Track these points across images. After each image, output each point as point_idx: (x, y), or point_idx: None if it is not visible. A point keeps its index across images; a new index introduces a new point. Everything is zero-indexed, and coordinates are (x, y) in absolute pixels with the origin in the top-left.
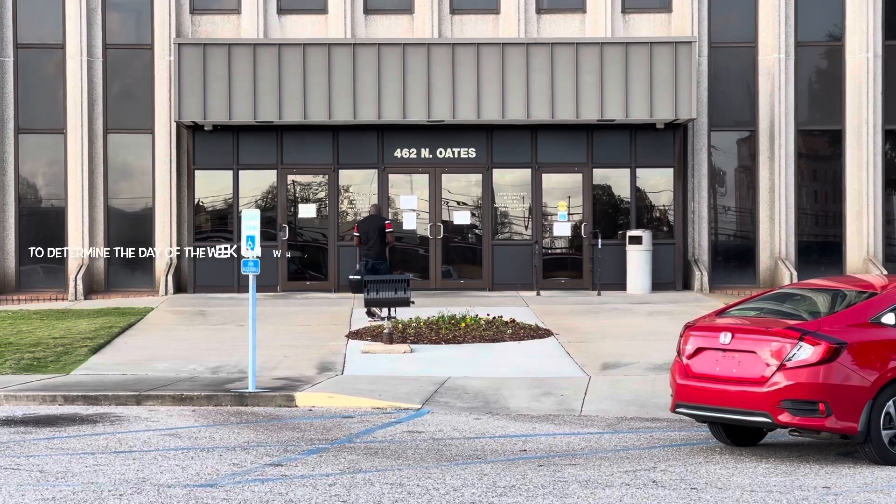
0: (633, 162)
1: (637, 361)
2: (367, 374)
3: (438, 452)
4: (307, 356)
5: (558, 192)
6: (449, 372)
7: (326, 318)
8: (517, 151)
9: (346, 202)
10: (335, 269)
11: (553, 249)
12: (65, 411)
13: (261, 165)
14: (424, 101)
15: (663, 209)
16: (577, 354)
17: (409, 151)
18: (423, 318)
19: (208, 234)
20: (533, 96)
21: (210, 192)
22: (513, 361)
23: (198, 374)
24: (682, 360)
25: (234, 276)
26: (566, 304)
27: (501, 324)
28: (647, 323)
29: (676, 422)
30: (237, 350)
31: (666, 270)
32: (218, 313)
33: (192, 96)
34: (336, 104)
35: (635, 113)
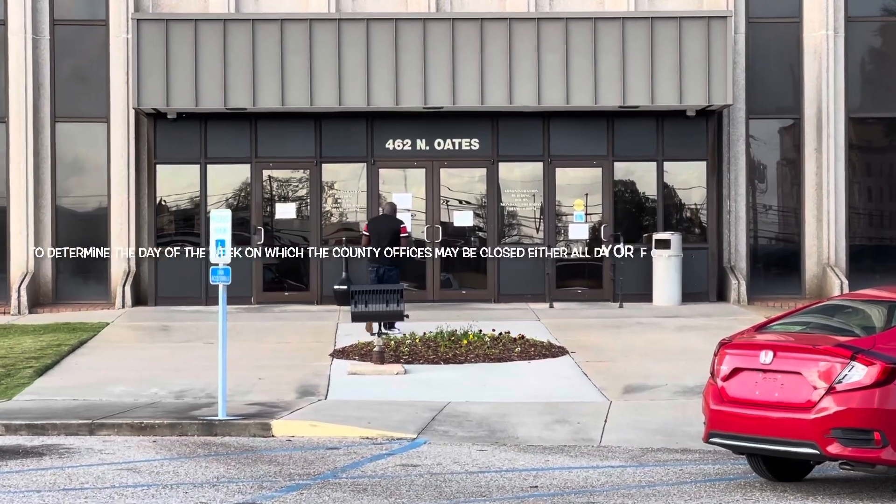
0: (661, 154)
1: (665, 384)
2: (355, 399)
3: (436, 489)
4: (286, 378)
5: (574, 190)
6: (448, 396)
7: (308, 335)
8: (527, 142)
9: (331, 201)
10: (318, 277)
11: (568, 255)
12: (5, 443)
13: (232, 159)
14: (420, 85)
15: (695, 208)
16: (596, 376)
17: (402, 143)
18: (418, 333)
19: (172, 237)
20: (545, 79)
21: (174, 189)
22: (522, 384)
23: (160, 399)
24: (717, 382)
25: (202, 287)
26: (583, 317)
27: (509, 340)
28: (676, 339)
29: (710, 453)
30: (205, 371)
31: (698, 279)
32: (183, 329)
33: (153, 80)
34: (319, 89)
35: (662, 98)
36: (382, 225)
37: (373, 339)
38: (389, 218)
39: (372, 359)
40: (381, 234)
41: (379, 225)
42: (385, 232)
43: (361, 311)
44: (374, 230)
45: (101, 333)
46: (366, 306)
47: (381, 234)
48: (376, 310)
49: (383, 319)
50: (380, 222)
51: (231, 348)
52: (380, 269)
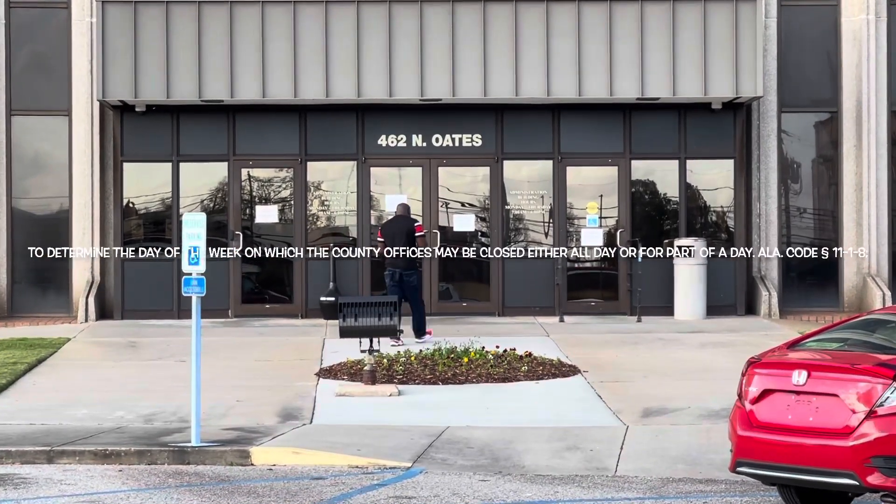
0: (683, 151)
1: (687, 407)
2: (343, 424)
3: None
4: (267, 400)
5: (587, 190)
6: (447, 420)
7: (291, 351)
8: (535, 138)
9: (317, 203)
10: (302, 287)
11: (581, 263)
12: None
13: (208, 156)
14: (416, 75)
15: (721, 211)
16: (612, 398)
17: (396, 138)
18: (414, 351)
19: (141, 243)
20: (555, 67)
21: (143, 190)
22: (529, 406)
23: (127, 424)
24: (745, 405)
25: (174, 298)
26: (597, 332)
27: (514, 358)
28: (699, 357)
29: (737, 484)
30: (177, 392)
31: (724, 290)
32: (153, 345)
33: (119, 69)
34: (304, 78)
35: (685, 89)
36: (395, 226)
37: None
38: (403, 219)
39: (362, 379)
40: (395, 236)
41: (392, 227)
42: (398, 233)
43: (351, 325)
44: (388, 233)
45: (61, 350)
46: (356, 320)
47: (395, 235)
48: (367, 324)
49: (375, 335)
50: (392, 224)
51: (206, 367)
52: (395, 275)
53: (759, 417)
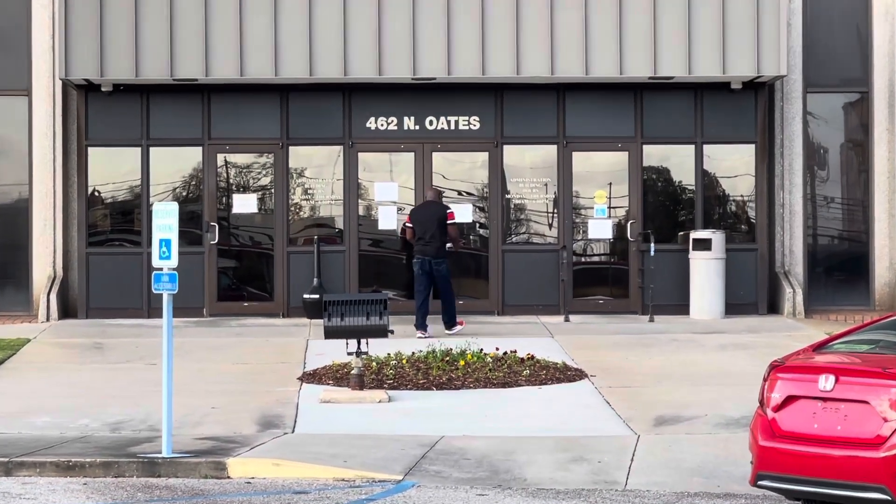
0: (700, 136)
1: (704, 414)
2: (328, 433)
3: None
4: (245, 407)
5: (595, 178)
6: (442, 429)
7: (272, 354)
8: (538, 121)
9: (300, 191)
10: (284, 284)
11: (588, 257)
12: None
13: (181, 140)
14: (408, 51)
15: (741, 201)
16: (621, 404)
17: (387, 121)
18: (406, 353)
19: (107, 235)
20: (560, 44)
21: (110, 177)
22: (531, 414)
23: (92, 433)
24: (767, 412)
25: (144, 295)
26: (606, 333)
27: (515, 361)
28: (717, 360)
29: (758, 498)
30: (147, 398)
31: (745, 286)
32: (120, 346)
33: (84, 44)
34: (285, 55)
35: (702, 67)
36: (426, 212)
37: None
38: (434, 204)
39: (349, 383)
40: (426, 223)
41: (422, 213)
42: (429, 219)
43: (336, 325)
44: (417, 219)
45: (20, 352)
46: (342, 319)
47: (425, 222)
48: (355, 324)
49: (363, 336)
50: (422, 210)
51: (178, 370)
52: (425, 263)
53: (783, 426)
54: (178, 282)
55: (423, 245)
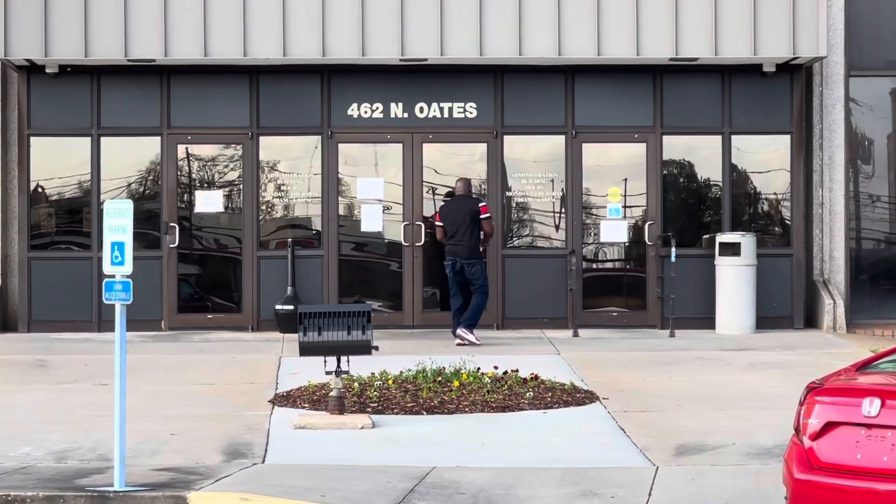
0: (727, 125)
1: (732, 443)
2: (304, 463)
3: None
4: (209, 433)
5: (608, 173)
6: (434, 459)
7: (239, 373)
8: (543, 108)
9: (273, 187)
10: (253, 293)
11: (600, 263)
12: None
13: (136, 129)
14: (395, 29)
15: (774, 200)
16: (638, 431)
17: (371, 108)
18: (392, 372)
19: (52, 237)
20: (567, 20)
21: (56, 170)
22: (535, 442)
23: (34, 463)
24: (804, 441)
25: (94, 306)
26: (620, 350)
27: (517, 382)
28: (747, 381)
29: None
30: (97, 423)
31: (778, 297)
32: (67, 364)
33: (25, 20)
34: (255, 32)
35: (730, 47)
36: (456, 208)
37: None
38: (465, 199)
39: (328, 407)
40: (458, 220)
41: (451, 209)
42: (462, 216)
43: (313, 340)
44: (448, 216)
45: None
46: (319, 334)
47: (457, 218)
48: (334, 339)
49: (344, 353)
50: (454, 206)
51: (133, 392)
52: (457, 264)
53: (822, 457)
54: (133, 291)
55: (454, 245)
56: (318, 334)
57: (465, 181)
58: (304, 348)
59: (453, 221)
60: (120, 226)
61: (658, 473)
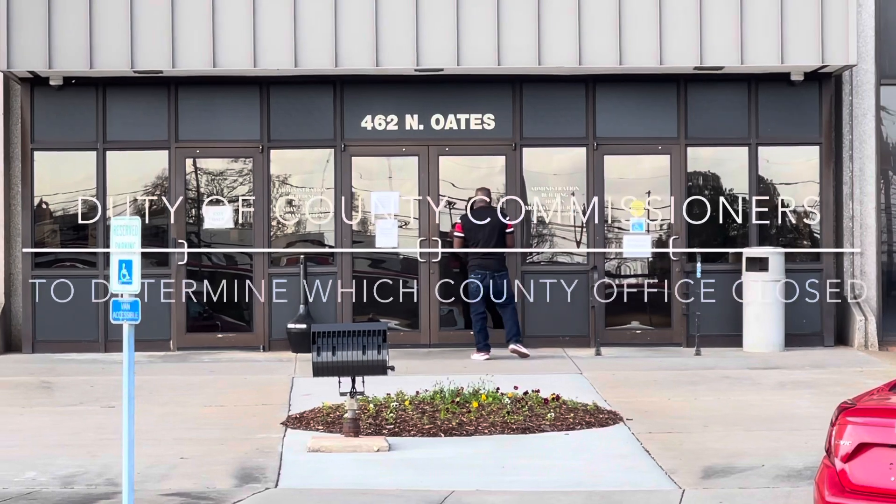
0: (754, 136)
1: (761, 465)
2: (318, 487)
3: None
4: (219, 457)
5: (631, 186)
6: (452, 483)
7: (251, 394)
8: (563, 119)
9: (284, 202)
10: (265, 311)
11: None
12: None
13: (143, 143)
14: (410, 38)
15: (803, 213)
16: (663, 453)
17: (385, 120)
18: (409, 393)
19: (57, 255)
20: (588, 28)
21: (60, 185)
22: (556, 465)
23: (40, 487)
24: (835, 463)
25: (100, 326)
26: (644, 369)
27: (538, 403)
28: (776, 401)
29: None
30: (104, 447)
31: (807, 314)
32: (73, 386)
33: (29, 31)
34: (266, 43)
35: (756, 56)
36: (482, 219)
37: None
38: (489, 210)
39: (342, 429)
40: (485, 232)
41: (477, 220)
42: (490, 228)
43: (326, 360)
44: (472, 227)
45: None
46: (333, 354)
47: (484, 230)
48: (349, 359)
49: (359, 373)
50: (477, 217)
51: (141, 414)
52: (487, 278)
53: (854, 479)
54: (141, 310)
55: (483, 258)
56: (332, 354)
57: (486, 191)
58: (317, 369)
59: (478, 233)
60: (128, 243)
61: (685, 497)
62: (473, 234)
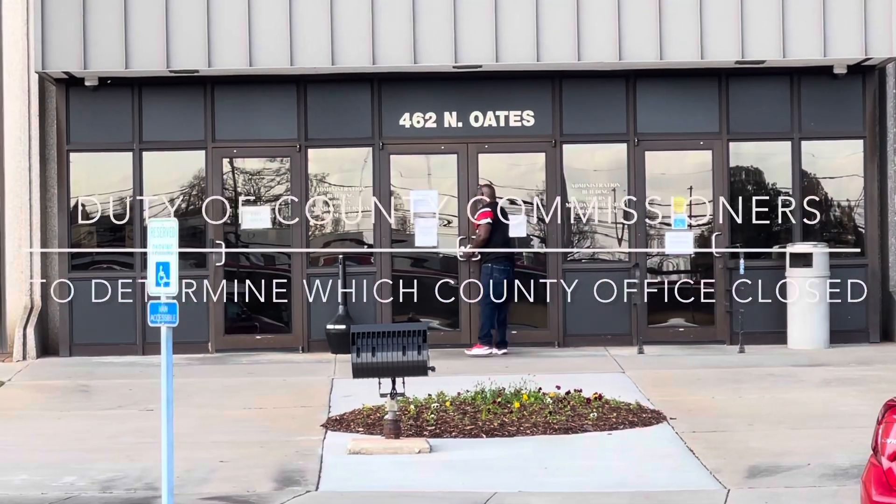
0: (797, 130)
1: (806, 463)
2: (359, 490)
3: None
4: (259, 460)
5: (673, 182)
6: (494, 484)
7: (290, 396)
8: (603, 115)
9: (322, 202)
10: (303, 312)
11: (665, 276)
12: None
13: (180, 143)
14: (448, 34)
15: (847, 207)
16: (707, 453)
17: (424, 118)
18: (450, 394)
19: (94, 257)
20: (627, 23)
21: (96, 187)
22: (600, 465)
23: (79, 492)
24: (883, 462)
25: (138, 329)
26: (687, 367)
27: (580, 402)
28: (821, 399)
29: None
30: (143, 451)
31: (853, 310)
32: (111, 389)
33: (64, 31)
34: (302, 41)
35: (798, 49)
36: (502, 213)
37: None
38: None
39: (383, 431)
40: (505, 225)
41: (500, 213)
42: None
43: (366, 361)
44: (497, 219)
45: None
46: (373, 355)
47: (504, 223)
48: (389, 360)
49: (399, 374)
50: (499, 210)
51: (180, 417)
52: (511, 270)
53: None
54: (179, 312)
55: (510, 248)
56: (372, 355)
57: (491, 185)
58: (357, 370)
59: (503, 225)
60: (165, 245)
61: (730, 497)
62: (500, 225)
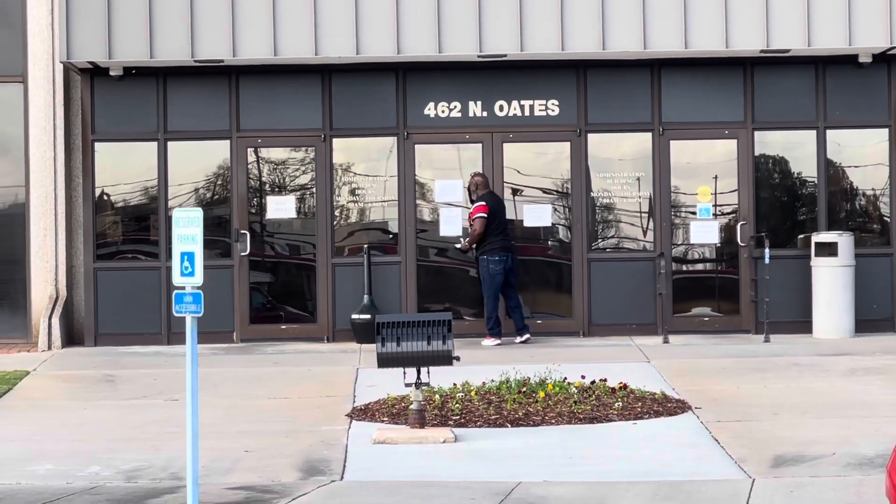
0: (822, 119)
1: (832, 453)
2: (384, 480)
3: None
4: (284, 449)
5: (698, 171)
6: (519, 474)
7: (315, 386)
8: (628, 105)
9: (347, 191)
10: (328, 302)
11: (690, 266)
12: None
13: (205, 133)
14: (473, 24)
15: (872, 196)
16: (732, 442)
17: (448, 107)
18: (474, 383)
19: (118, 247)
20: (652, 12)
21: (121, 176)
22: (625, 454)
23: (104, 482)
24: None
25: (163, 319)
26: (712, 356)
27: (605, 392)
28: (847, 388)
29: None
30: (168, 441)
31: (878, 299)
32: (136, 379)
33: (89, 20)
34: (327, 30)
35: (823, 38)
36: (499, 203)
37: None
38: (496, 195)
39: (408, 420)
40: (502, 214)
41: (497, 203)
42: (504, 211)
43: (391, 351)
44: (496, 210)
45: (17, 387)
46: (398, 345)
47: (501, 213)
48: (414, 349)
49: (424, 364)
50: (496, 200)
51: (205, 406)
52: (509, 259)
53: None
54: (204, 301)
55: (505, 239)
56: (397, 345)
57: (483, 174)
58: (382, 359)
59: (500, 214)
60: (190, 235)
61: (755, 486)
62: (497, 216)
